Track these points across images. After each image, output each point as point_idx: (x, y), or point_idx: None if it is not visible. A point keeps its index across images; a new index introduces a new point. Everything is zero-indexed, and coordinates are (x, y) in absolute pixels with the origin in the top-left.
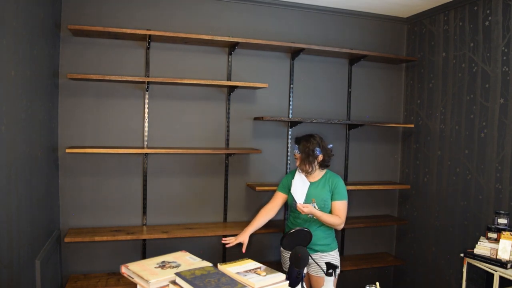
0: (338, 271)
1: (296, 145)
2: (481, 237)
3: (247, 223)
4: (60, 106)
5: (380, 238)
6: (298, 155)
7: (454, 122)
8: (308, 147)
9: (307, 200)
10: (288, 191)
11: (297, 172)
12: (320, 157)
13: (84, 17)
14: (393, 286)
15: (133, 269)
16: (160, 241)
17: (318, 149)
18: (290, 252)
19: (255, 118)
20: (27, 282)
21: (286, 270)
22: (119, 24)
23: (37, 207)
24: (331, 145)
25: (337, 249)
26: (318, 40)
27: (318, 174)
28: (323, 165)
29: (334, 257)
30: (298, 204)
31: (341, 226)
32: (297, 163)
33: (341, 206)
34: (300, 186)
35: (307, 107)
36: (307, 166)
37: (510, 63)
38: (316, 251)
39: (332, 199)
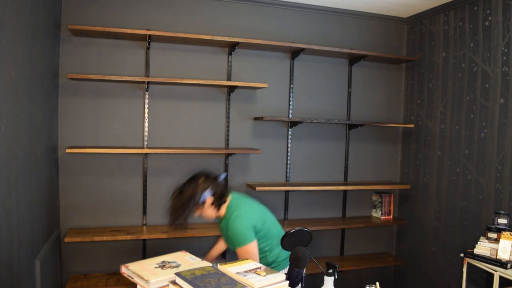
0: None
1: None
2: (481, 237)
3: None
4: (60, 106)
5: (380, 238)
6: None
7: (454, 122)
8: (191, 195)
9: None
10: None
11: None
12: (209, 199)
13: (84, 17)
14: (393, 286)
15: (133, 269)
16: (160, 241)
17: (204, 193)
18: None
19: (255, 118)
20: (27, 282)
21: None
22: (119, 24)
23: (37, 207)
24: (223, 175)
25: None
26: (318, 40)
27: (222, 210)
28: (218, 204)
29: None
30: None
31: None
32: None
33: (241, 253)
34: None
35: (307, 107)
36: (203, 214)
37: (510, 63)
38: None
39: None
